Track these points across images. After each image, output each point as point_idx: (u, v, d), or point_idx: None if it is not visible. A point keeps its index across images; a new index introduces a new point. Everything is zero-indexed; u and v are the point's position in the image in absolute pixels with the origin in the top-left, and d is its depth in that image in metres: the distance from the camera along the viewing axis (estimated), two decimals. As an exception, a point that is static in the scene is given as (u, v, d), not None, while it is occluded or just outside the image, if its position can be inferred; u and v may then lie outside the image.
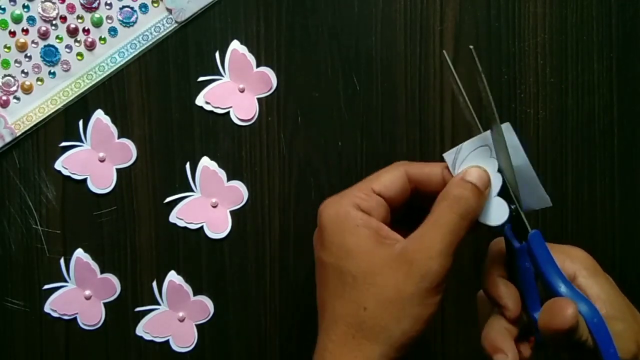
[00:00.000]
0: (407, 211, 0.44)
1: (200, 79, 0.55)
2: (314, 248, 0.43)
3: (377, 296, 0.39)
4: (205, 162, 0.55)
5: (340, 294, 0.40)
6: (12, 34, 0.53)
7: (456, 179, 0.41)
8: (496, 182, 0.41)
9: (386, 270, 0.39)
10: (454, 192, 0.40)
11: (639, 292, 0.55)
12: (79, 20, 0.53)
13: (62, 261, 0.55)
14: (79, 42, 0.53)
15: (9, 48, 0.53)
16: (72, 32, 0.53)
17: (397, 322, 0.38)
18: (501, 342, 0.41)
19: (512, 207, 0.41)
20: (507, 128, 0.41)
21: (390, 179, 0.42)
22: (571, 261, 0.42)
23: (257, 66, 0.55)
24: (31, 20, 0.53)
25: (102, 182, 0.54)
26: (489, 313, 0.43)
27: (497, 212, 0.41)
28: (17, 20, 0.53)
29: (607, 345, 0.37)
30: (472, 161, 0.42)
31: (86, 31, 0.53)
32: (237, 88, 0.55)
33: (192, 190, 0.55)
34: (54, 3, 0.53)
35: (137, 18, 0.54)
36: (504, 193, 0.41)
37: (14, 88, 0.53)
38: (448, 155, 0.43)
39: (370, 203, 0.41)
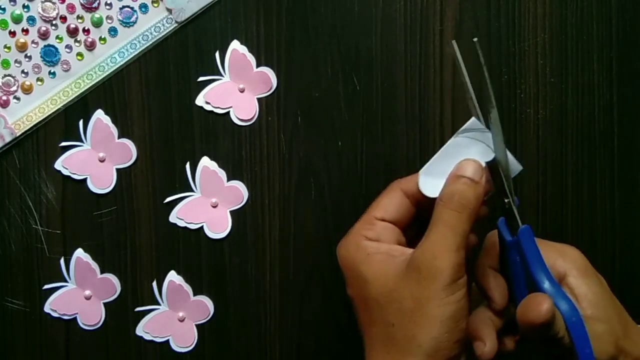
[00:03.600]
0: (422, 226, 0.44)
1: (200, 79, 0.55)
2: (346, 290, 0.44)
3: (399, 310, 0.39)
4: (205, 162, 0.55)
5: (370, 319, 0.41)
6: (12, 34, 0.53)
7: (450, 177, 0.41)
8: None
9: (400, 283, 0.40)
10: (447, 189, 0.41)
11: (638, 292, 0.55)
12: (79, 20, 0.53)
13: (62, 261, 0.55)
14: (79, 42, 0.53)
15: (9, 48, 0.53)
16: (72, 32, 0.53)
17: (423, 329, 0.39)
18: (483, 331, 0.42)
19: (506, 200, 0.41)
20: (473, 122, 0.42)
21: (388, 202, 0.43)
22: (563, 260, 0.43)
23: (257, 66, 0.55)
24: (31, 20, 0.53)
25: (102, 182, 0.54)
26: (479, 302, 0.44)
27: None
28: (17, 20, 0.53)
29: (583, 345, 0.38)
30: (461, 155, 0.42)
31: (86, 31, 0.53)
32: (237, 88, 0.55)
33: (192, 190, 0.55)
34: (54, 3, 0.53)
35: (137, 18, 0.54)
36: (498, 185, 0.42)
37: (14, 88, 0.53)
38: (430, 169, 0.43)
39: (375, 231, 0.43)
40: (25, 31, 0.53)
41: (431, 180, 0.42)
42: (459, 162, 0.42)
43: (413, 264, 0.40)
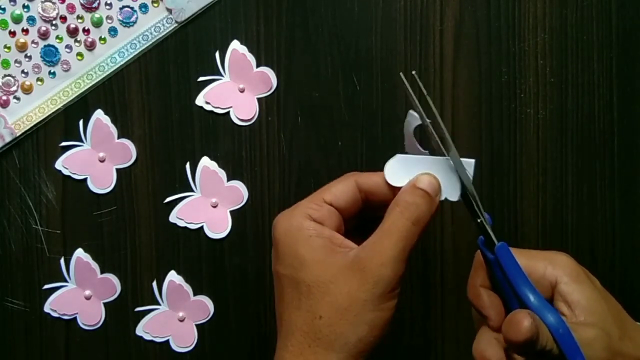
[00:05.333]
0: (362, 220, 0.44)
1: (200, 79, 0.55)
2: (272, 262, 0.43)
3: (332, 304, 0.39)
4: (205, 162, 0.55)
5: (296, 304, 0.40)
6: (12, 34, 0.53)
7: (408, 187, 0.41)
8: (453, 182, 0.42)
9: (340, 278, 0.39)
10: (405, 198, 0.41)
11: (638, 292, 0.55)
12: (79, 20, 0.53)
13: (62, 261, 0.55)
14: (79, 42, 0.53)
15: (9, 48, 0.53)
16: (72, 32, 0.53)
17: (352, 329, 0.39)
18: (488, 351, 0.42)
19: (478, 220, 0.42)
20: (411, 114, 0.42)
21: (341, 189, 0.43)
22: (553, 267, 0.43)
23: (257, 66, 0.55)
24: (31, 20, 0.53)
25: (102, 182, 0.54)
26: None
27: (454, 188, 0.42)
28: (17, 20, 0.53)
29: (573, 355, 0.38)
30: (423, 169, 0.42)
31: (86, 31, 0.53)
32: (237, 88, 0.55)
33: (192, 190, 0.55)
34: (54, 3, 0.53)
35: (137, 18, 0.54)
36: (469, 207, 0.42)
37: (14, 88, 0.53)
38: (393, 165, 0.43)
39: (322, 213, 0.42)
40: (25, 31, 0.53)
41: (398, 171, 0.42)
42: (420, 173, 0.42)
43: (358, 264, 0.39)
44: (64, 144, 0.54)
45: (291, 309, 0.41)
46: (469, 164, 0.42)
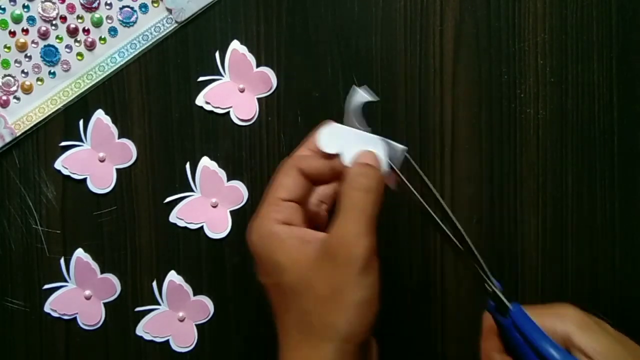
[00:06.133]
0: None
1: (200, 79, 0.55)
2: (257, 274, 0.44)
3: (315, 297, 0.39)
4: (205, 162, 0.55)
5: (285, 307, 0.41)
6: (12, 34, 0.53)
7: (353, 166, 0.42)
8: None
9: (315, 270, 0.40)
10: (351, 173, 0.42)
11: (638, 292, 0.55)
12: (79, 20, 0.53)
13: (62, 261, 0.55)
14: (79, 42, 0.53)
15: (9, 48, 0.53)
16: (72, 32, 0.53)
17: (339, 315, 0.39)
18: None
19: (490, 290, 0.42)
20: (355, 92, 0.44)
21: (290, 182, 0.43)
22: (562, 322, 0.43)
23: (257, 66, 0.55)
24: (31, 20, 0.53)
25: (102, 182, 0.54)
26: None
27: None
28: (17, 20, 0.53)
29: None
30: (360, 148, 0.43)
31: (86, 31, 0.53)
32: (237, 88, 0.55)
33: (192, 190, 0.55)
34: (54, 3, 0.53)
35: (137, 18, 0.54)
36: (475, 277, 0.43)
37: (14, 88, 0.53)
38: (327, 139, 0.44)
39: (285, 213, 0.42)
40: (25, 31, 0.53)
41: (332, 138, 0.43)
42: (360, 151, 0.43)
43: (328, 251, 0.40)
44: (64, 143, 0.54)
45: (283, 312, 0.41)
46: (401, 149, 0.43)
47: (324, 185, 0.45)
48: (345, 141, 0.43)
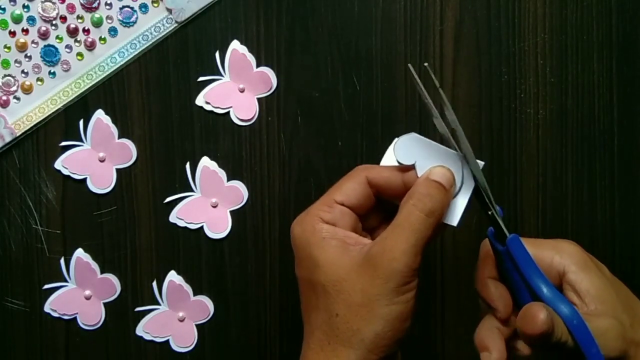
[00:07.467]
0: (384, 216, 0.44)
1: (200, 79, 0.55)
2: (295, 267, 0.43)
3: (346, 302, 0.39)
4: (205, 162, 0.55)
5: (315, 304, 0.41)
6: (12, 34, 0.53)
7: (422, 179, 0.41)
8: (463, 184, 0.42)
9: (352, 275, 0.39)
10: (419, 190, 0.40)
11: (638, 292, 0.55)
12: (79, 20, 0.53)
13: (62, 261, 0.55)
14: (79, 42, 0.53)
15: (9, 48, 0.53)
16: (72, 32, 0.53)
17: (368, 325, 0.39)
18: (489, 340, 0.42)
19: (489, 213, 0.41)
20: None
21: (351, 187, 0.43)
22: (560, 257, 0.43)
23: (257, 66, 0.55)
24: (31, 20, 0.53)
25: (102, 182, 0.54)
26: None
27: (457, 213, 0.42)
28: (17, 20, 0.53)
29: (588, 346, 0.38)
30: (436, 162, 0.42)
31: (86, 31, 0.53)
32: (237, 88, 0.55)
33: (192, 190, 0.55)
34: (54, 3, 0.53)
35: (137, 18, 0.54)
36: (479, 199, 0.42)
37: (14, 88, 0.53)
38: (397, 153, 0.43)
39: (334, 214, 0.42)
40: (25, 31, 0.53)
41: (408, 149, 0.42)
42: (433, 166, 0.41)
43: (370, 260, 0.39)
44: (64, 143, 0.54)
45: (311, 310, 0.41)
46: (478, 164, 0.42)
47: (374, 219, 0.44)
48: (422, 153, 0.42)
